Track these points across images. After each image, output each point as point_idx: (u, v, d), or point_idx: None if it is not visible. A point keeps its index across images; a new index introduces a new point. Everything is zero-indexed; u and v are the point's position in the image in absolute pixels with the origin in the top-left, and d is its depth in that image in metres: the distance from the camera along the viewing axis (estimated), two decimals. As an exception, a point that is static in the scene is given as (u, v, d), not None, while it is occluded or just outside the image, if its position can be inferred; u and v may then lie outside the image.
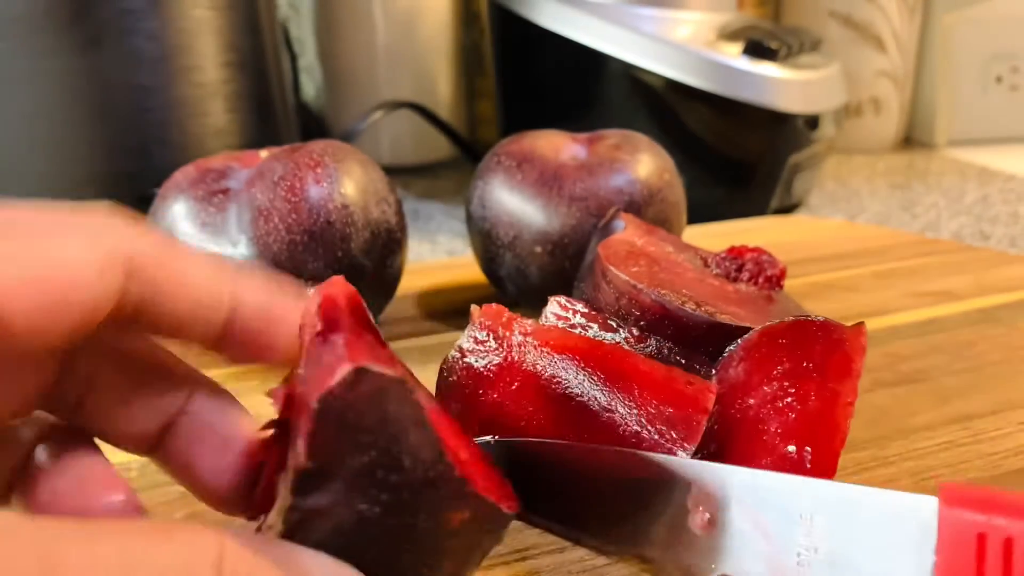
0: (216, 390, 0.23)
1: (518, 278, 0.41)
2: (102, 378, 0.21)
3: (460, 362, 0.28)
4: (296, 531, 0.17)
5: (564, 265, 0.39)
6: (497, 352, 0.28)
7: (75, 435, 0.21)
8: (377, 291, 0.38)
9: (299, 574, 0.17)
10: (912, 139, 1.00)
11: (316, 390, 0.17)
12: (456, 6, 0.88)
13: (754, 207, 0.66)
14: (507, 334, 0.28)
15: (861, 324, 0.25)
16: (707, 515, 0.23)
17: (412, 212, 0.73)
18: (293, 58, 0.85)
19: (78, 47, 0.48)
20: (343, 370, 0.17)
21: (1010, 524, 0.17)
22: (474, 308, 0.29)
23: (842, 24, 0.92)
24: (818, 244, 0.55)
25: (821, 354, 0.25)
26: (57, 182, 0.49)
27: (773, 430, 0.24)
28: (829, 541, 0.20)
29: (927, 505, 0.19)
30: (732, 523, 0.22)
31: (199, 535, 0.16)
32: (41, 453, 0.21)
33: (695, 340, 0.29)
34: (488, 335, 0.29)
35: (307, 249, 0.34)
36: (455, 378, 0.28)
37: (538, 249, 0.39)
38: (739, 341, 0.27)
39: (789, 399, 0.25)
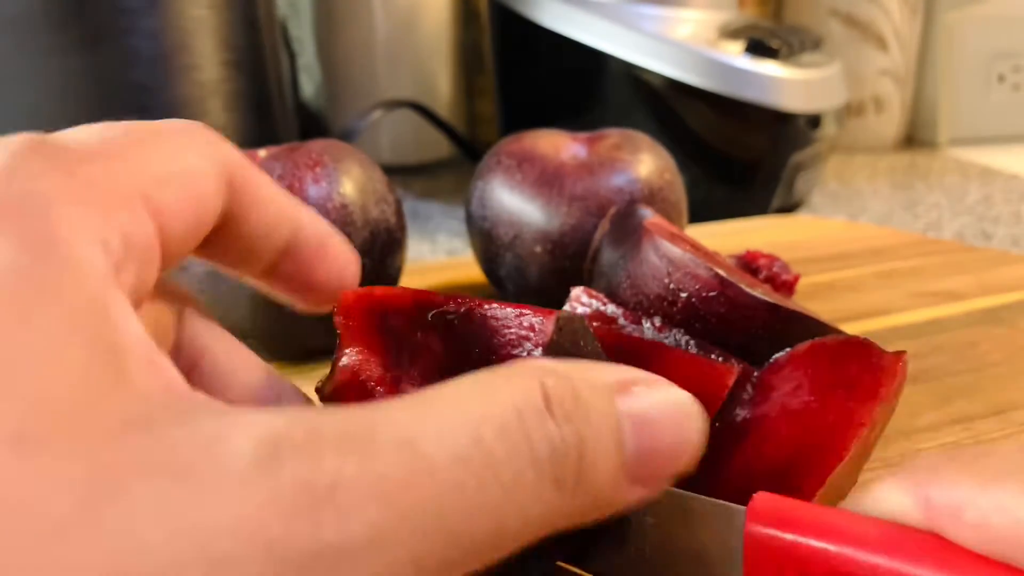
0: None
1: (518, 278, 0.41)
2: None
3: None
4: None
5: (564, 265, 0.39)
6: None
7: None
8: (376, 291, 0.37)
9: (610, 385, 0.16)
10: (914, 138, 1.00)
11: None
12: (456, 5, 0.88)
13: (755, 206, 0.66)
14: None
15: (902, 353, 0.25)
16: None
17: (412, 212, 0.73)
18: (292, 57, 0.85)
19: (76, 46, 0.48)
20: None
21: (811, 547, 0.16)
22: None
23: (844, 23, 0.91)
24: (820, 244, 0.54)
25: (855, 373, 0.25)
26: (56, 182, 0.49)
27: (782, 434, 0.24)
28: (657, 541, 0.19)
29: (735, 516, 0.18)
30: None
31: (521, 377, 0.15)
32: (189, 333, 0.22)
33: (731, 325, 0.29)
34: None
35: (305, 249, 0.34)
36: None
37: (538, 249, 0.39)
38: (787, 350, 0.27)
39: (808, 410, 0.24)
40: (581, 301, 0.31)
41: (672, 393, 0.17)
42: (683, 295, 0.29)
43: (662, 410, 0.16)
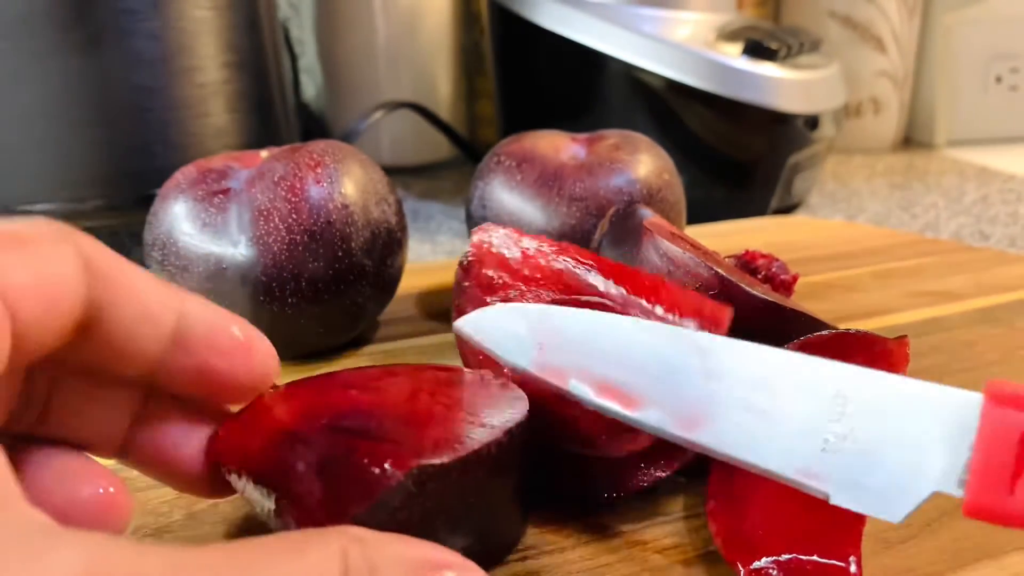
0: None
1: (518, 278, 0.41)
2: (64, 384, 0.21)
3: (474, 266, 0.30)
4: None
5: (564, 265, 0.39)
6: (513, 255, 0.29)
7: (44, 441, 0.21)
8: (377, 291, 0.38)
9: (414, 564, 0.16)
10: (912, 139, 1.00)
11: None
12: (456, 6, 0.88)
13: (754, 207, 0.66)
14: (521, 240, 0.30)
15: (904, 337, 0.26)
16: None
17: (412, 212, 0.73)
18: (293, 58, 0.85)
19: (78, 47, 0.48)
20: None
21: None
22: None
23: (842, 24, 0.92)
24: (818, 244, 0.55)
25: (864, 362, 0.25)
26: (57, 182, 0.49)
27: None
28: (860, 429, 0.19)
29: (970, 401, 0.18)
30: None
31: (324, 545, 0.16)
32: (19, 453, 0.21)
33: (732, 326, 0.29)
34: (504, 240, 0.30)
35: (307, 249, 0.34)
36: (470, 282, 0.30)
37: (538, 249, 0.39)
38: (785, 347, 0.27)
39: None
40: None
41: None
42: None
43: None
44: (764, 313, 0.29)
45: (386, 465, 0.19)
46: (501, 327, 0.24)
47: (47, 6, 0.47)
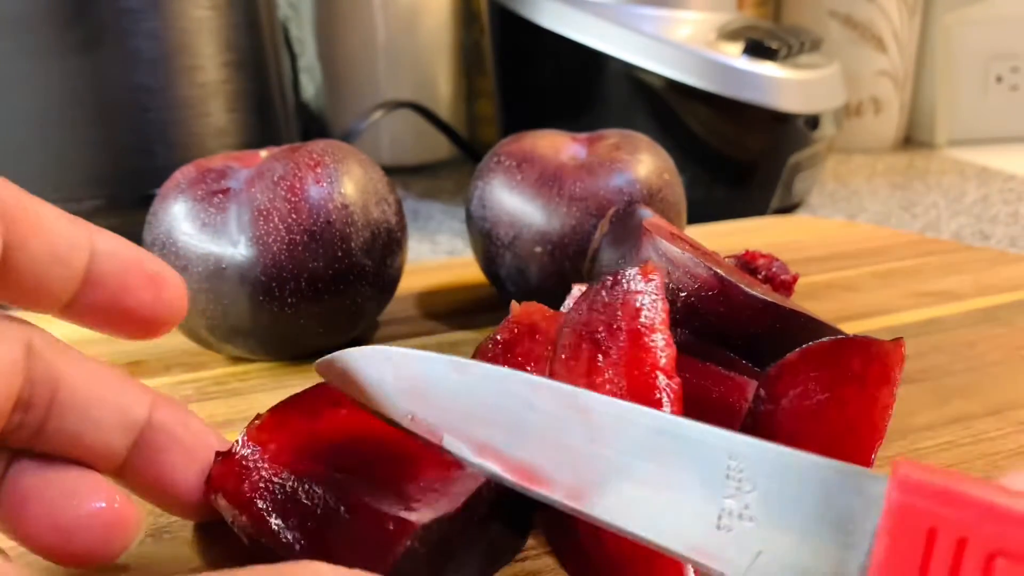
0: (175, 403, 0.23)
1: (518, 278, 0.41)
2: (62, 396, 0.21)
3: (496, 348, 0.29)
4: None
5: (564, 265, 0.39)
6: (535, 342, 0.28)
7: (45, 456, 0.21)
8: (377, 291, 0.38)
9: None
10: (912, 139, 1.00)
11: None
12: (456, 6, 0.88)
13: (754, 207, 0.66)
14: (547, 328, 0.29)
15: (900, 339, 0.26)
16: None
17: (412, 212, 0.73)
18: (293, 58, 0.85)
19: (78, 47, 0.48)
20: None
21: (967, 522, 0.15)
22: (514, 304, 0.30)
23: (842, 24, 0.92)
24: (818, 244, 0.55)
25: (861, 365, 0.25)
26: (57, 182, 0.49)
27: (811, 432, 0.25)
28: (759, 509, 0.17)
29: (874, 484, 0.16)
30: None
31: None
32: (21, 467, 0.21)
33: (731, 324, 0.29)
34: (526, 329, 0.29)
35: (307, 249, 0.34)
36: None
37: (538, 249, 0.39)
38: (780, 360, 0.27)
39: (825, 408, 0.25)
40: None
41: None
42: (683, 294, 0.30)
43: None
44: (764, 314, 0.29)
45: (391, 528, 0.19)
46: (365, 372, 0.22)
47: (47, 6, 0.47)
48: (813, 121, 0.66)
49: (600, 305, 0.26)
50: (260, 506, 0.21)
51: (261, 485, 0.22)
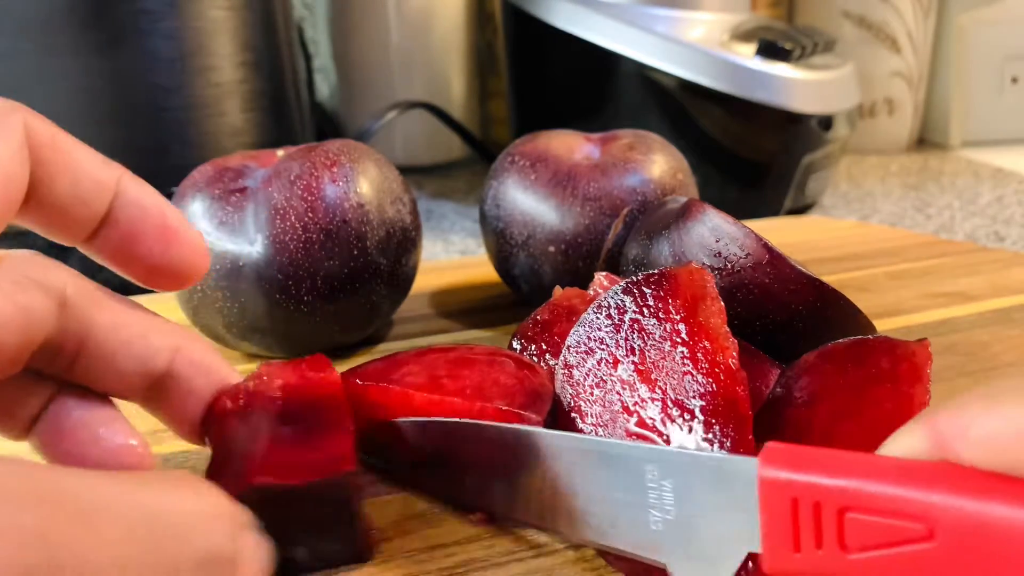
0: (198, 350, 0.24)
1: (531, 277, 0.41)
2: (90, 347, 0.22)
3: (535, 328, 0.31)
4: None
5: (578, 265, 0.39)
6: (572, 324, 0.29)
7: (87, 391, 0.23)
8: (392, 289, 0.38)
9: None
10: (926, 140, 1.00)
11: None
12: (470, 7, 0.89)
13: (767, 207, 0.66)
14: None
15: (925, 340, 0.26)
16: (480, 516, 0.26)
17: (425, 212, 0.73)
18: (307, 58, 0.86)
19: (96, 47, 0.48)
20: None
21: (821, 486, 0.17)
22: (557, 288, 0.32)
23: (856, 24, 0.91)
24: (831, 245, 0.55)
25: (890, 365, 0.25)
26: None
27: (847, 432, 0.25)
28: (677, 506, 0.20)
29: (748, 467, 0.19)
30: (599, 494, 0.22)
31: (222, 496, 0.17)
32: (61, 404, 0.22)
33: (774, 297, 0.30)
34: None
35: (323, 247, 0.35)
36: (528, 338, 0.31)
37: (552, 249, 0.40)
38: (804, 357, 0.28)
39: (864, 405, 0.25)
40: (603, 285, 0.31)
41: None
42: (730, 264, 0.30)
43: None
44: (808, 289, 0.30)
45: (242, 471, 0.22)
46: None
47: (65, 7, 0.48)
48: (826, 122, 0.66)
49: (647, 299, 0.26)
50: (219, 424, 0.24)
51: (230, 407, 0.24)
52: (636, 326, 0.26)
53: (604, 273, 0.32)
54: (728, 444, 0.23)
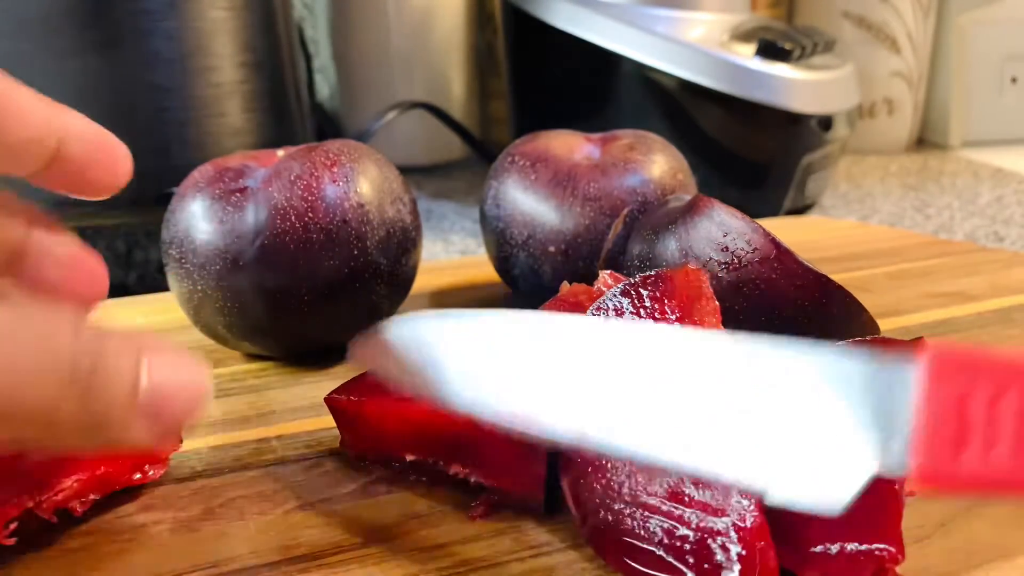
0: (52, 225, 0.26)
1: (532, 277, 0.41)
2: None
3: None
4: None
5: (578, 265, 0.39)
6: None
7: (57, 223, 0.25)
8: (392, 289, 0.38)
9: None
10: (926, 140, 1.00)
11: None
12: (470, 7, 0.89)
13: (767, 207, 0.66)
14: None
15: (920, 338, 0.26)
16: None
17: (425, 212, 0.73)
18: (308, 59, 0.86)
19: (96, 47, 0.48)
20: None
21: (993, 381, 0.16)
22: (564, 284, 0.32)
23: (856, 25, 0.92)
24: (831, 245, 0.55)
25: None
26: (75, 181, 0.50)
27: None
28: (787, 415, 0.18)
29: (905, 372, 0.17)
30: None
31: (58, 310, 0.18)
32: (39, 239, 0.25)
33: (781, 293, 0.30)
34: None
35: (323, 247, 0.35)
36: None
37: (552, 249, 0.40)
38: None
39: None
40: (607, 283, 0.32)
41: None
42: (737, 259, 0.30)
43: (182, 363, 0.19)
44: (814, 285, 0.30)
45: None
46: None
47: (65, 7, 0.48)
48: (826, 122, 0.66)
49: (644, 300, 0.26)
50: None
51: None
52: None
53: (608, 271, 0.32)
54: None
